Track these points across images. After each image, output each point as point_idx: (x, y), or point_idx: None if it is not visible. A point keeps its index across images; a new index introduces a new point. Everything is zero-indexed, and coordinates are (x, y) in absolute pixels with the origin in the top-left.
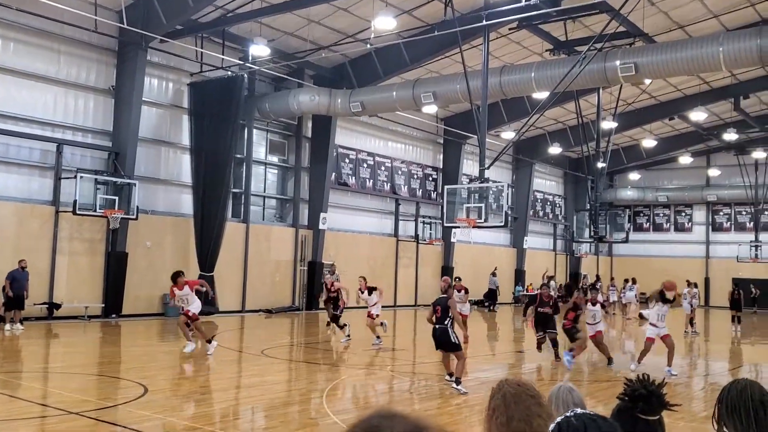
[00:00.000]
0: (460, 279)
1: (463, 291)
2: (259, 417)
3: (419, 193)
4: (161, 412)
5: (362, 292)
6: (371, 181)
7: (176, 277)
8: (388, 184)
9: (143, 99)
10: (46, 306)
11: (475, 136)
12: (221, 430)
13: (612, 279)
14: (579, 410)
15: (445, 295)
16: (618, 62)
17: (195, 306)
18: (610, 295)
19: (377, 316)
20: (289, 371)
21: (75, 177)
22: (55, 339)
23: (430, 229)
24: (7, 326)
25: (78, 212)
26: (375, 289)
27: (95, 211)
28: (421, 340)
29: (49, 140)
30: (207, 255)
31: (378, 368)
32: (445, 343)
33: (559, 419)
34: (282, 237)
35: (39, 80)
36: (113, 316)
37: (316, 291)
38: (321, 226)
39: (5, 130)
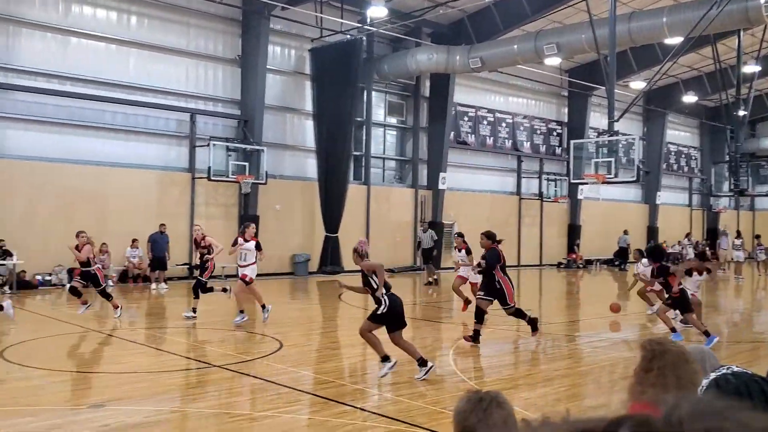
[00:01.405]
0: (461, 235)
1: (464, 251)
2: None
3: (542, 149)
4: (296, 365)
5: (459, 251)
6: (491, 138)
7: (247, 227)
8: (510, 141)
9: (268, 67)
10: (187, 267)
11: (603, 88)
12: (352, 384)
13: (758, 237)
14: (735, 368)
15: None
16: (763, 0)
17: (251, 269)
18: (758, 254)
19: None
20: (413, 329)
21: (208, 145)
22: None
23: (555, 186)
24: (153, 286)
25: (212, 178)
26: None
27: (228, 176)
28: (547, 300)
29: (183, 110)
30: (331, 217)
31: (503, 328)
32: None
33: (714, 375)
34: (402, 198)
35: (172, 53)
36: None
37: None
38: (440, 186)
39: (145, 102)
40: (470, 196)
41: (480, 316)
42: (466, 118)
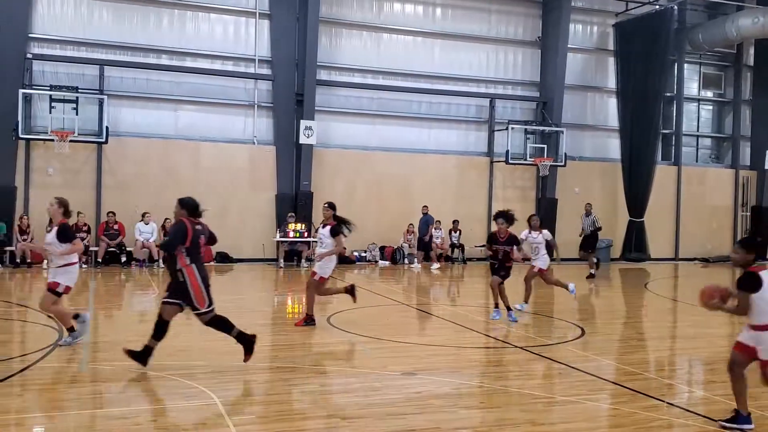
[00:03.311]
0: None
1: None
2: (698, 370)
3: None
4: (599, 354)
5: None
6: None
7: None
8: None
9: (568, 46)
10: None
11: None
12: (660, 377)
13: None
14: None
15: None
16: None
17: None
18: None
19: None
20: (731, 325)
21: (506, 129)
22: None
23: None
24: (416, 265)
25: (510, 161)
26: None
27: (525, 159)
28: None
29: (483, 96)
30: (636, 200)
31: None
32: None
33: None
34: (719, 179)
35: (474, 41)
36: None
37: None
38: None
39: (448, 90)
40: None
41: None
42: None
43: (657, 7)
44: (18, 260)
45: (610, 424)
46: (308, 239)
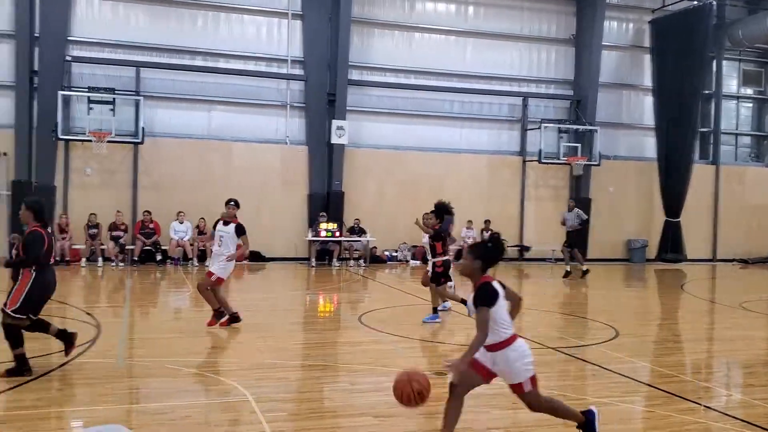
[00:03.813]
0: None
1: None
2: (736, 373)
3: None
4: (633, 356)
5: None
6: None
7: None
8: None
9: (603, 43)
10: (518, 248)
11: None
12: (696, 380)
13: None
14: None
15: None
16: None
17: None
18: None
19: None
20: None
21: (539, 127)
22: (526, 279)
23: None
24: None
25: (543, 161)
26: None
27: (559, 158)
28: None
29: (515, 95)
30: (673, 200)
31: None
32: None
33: None
34: (759, 178)
35: (506, 39)
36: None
37: None
38: None
39: (480, 89)
40: None
41: None
42: None
43: (695, 2)
44: (58, 258)
45: (644, 427)
46: (340, 239)
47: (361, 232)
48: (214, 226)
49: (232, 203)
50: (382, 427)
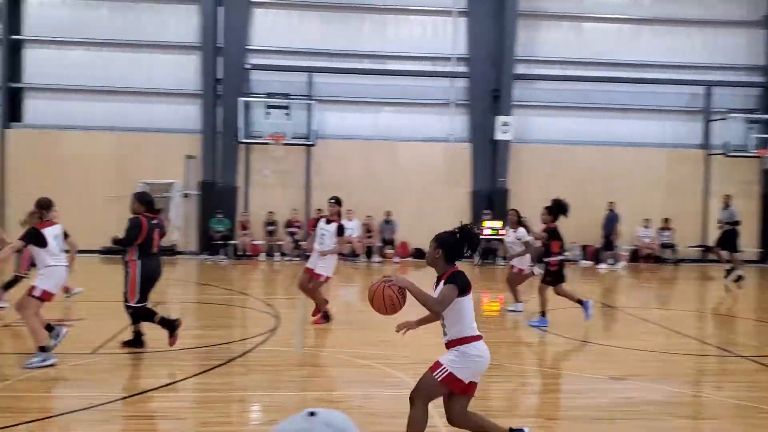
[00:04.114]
0: None
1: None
2: None
3: None
4: None
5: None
6: None
7: (339, 204)
8: None
9: None
10: (701, 249)
11: None
12: None
13: None
14: None
15: None
16: None
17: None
18: None
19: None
20: None
21: (725, 118)
22: (710, 282)
23: None
24: (603, 265)
25: (729, 154)
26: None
27: (747, 151)
28: None
29: (697, 83)
30: None
31: None
32: None
33: None
34: None
35: (686, 24)
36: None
37: None
38: None
39: (656, 79)
40: None
41: None
42: None
43: None
44: (240, 252)
45: None
46: (502, 237)
47: (527, 230)
48: (316, 224)
49: (333, 201)
50: (556, 431)
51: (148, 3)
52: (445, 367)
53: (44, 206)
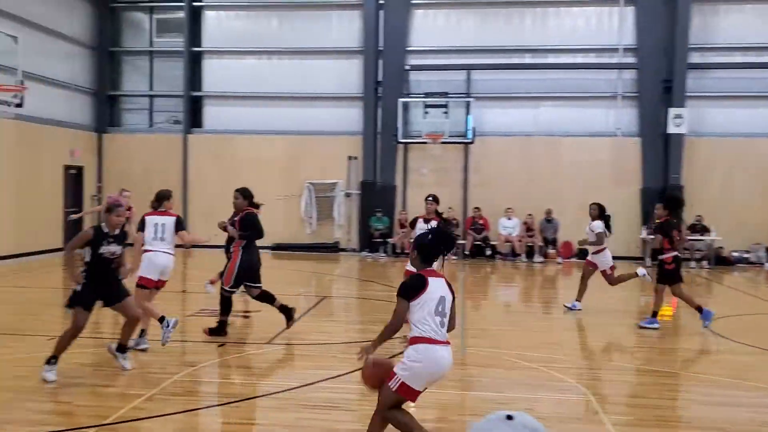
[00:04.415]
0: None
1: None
2: None
3: None
4: None
5: None
6: None
7: (437, 201)
8: None
9: None
10: None
11: None
12: None
13: None
14: None
15: None
16: None
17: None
18: None
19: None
20: None
21: None
22: None
23: None
24: None
25: None
26: None
27: None
28: None
29: None
30: None
31: None
32: None
33: None
34: None
35: None
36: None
37: None
38: None
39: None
40: None
41: None
42: None
43: None
44: (398, 250)
45: None
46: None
47: (704, 230)
48: (415, 223)
49: (431, 199)
50: None
51: (314, 11)
52: (398, 377)
53: (158, 197)
